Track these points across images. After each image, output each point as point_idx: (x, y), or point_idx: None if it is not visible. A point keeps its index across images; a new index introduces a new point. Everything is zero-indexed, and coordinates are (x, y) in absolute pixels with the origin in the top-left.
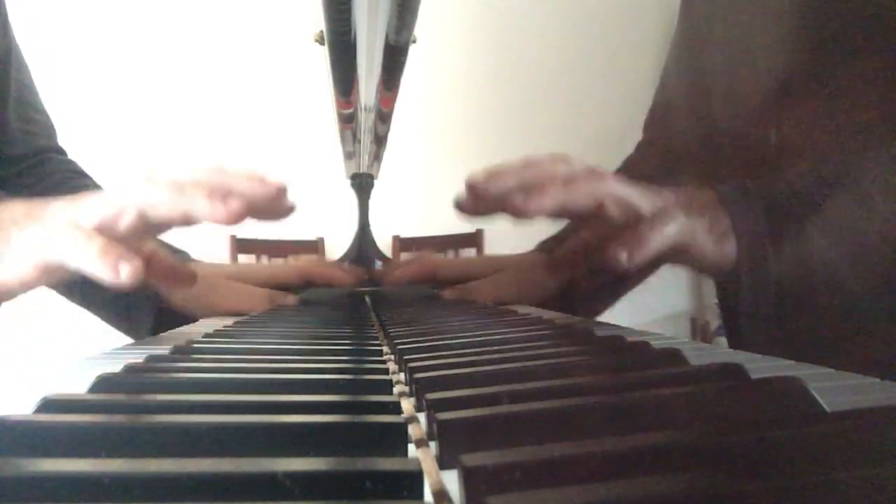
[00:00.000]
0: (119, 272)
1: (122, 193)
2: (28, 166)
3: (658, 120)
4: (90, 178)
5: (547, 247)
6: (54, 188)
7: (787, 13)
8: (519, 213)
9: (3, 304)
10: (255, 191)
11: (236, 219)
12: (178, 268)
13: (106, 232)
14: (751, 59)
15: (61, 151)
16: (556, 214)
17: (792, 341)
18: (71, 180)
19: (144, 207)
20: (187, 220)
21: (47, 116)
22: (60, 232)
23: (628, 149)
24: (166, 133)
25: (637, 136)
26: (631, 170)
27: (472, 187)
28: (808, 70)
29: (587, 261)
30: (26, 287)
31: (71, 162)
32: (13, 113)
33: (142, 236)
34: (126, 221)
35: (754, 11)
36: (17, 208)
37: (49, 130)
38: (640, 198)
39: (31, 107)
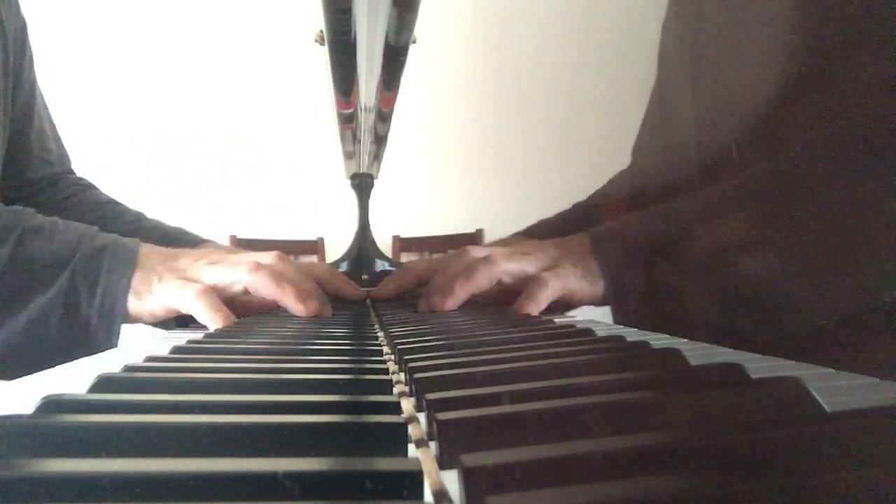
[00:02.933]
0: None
1: (237, 269)
2: (42, 188)
3: (645, 144)
4: (96, 188)
5: (532, 232)
6: (67, 198)
7: (778, 20)
8: (440, 309)
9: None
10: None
11: (312, 314)
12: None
13: (217, 290)
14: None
15: (72, 173)
16: (468, 299)
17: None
18: (79, 193)
19: (252, 286)
20: (275, 303)
21: (62, 147)
22: (192, 298)
23: (627, 149)
24: (166, 133)
25: (636, 135)
26: (613, 191)
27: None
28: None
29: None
30: (153, 319)
31: (80, 179)
32: (34, 142)
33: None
34: (235, 290)
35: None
36: (155, 258)
37: (63, 159)
38: (526, 265)
39: (49, 138)
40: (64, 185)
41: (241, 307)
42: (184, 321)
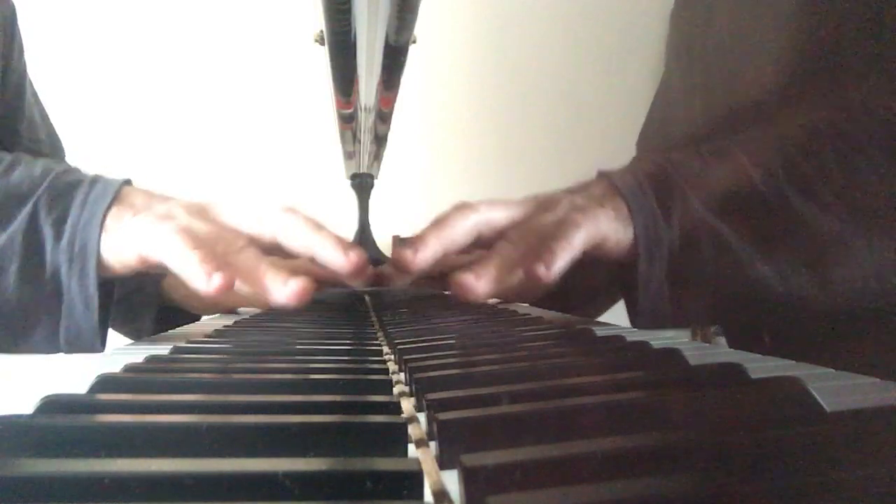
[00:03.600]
0: (211, 282)
1: (265, 211)
2: None
3: (651, 138)
4: None
5: None
6: None
7: (786, 13)
8: (408, 269)
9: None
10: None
11: (355, 272)
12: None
13: (230, 238)
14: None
15: None
16: (443, 254)
17: (679, 311)
18: None
19: (283, 232)
20: (308, 257)
21: (56, 137)
22: (168, 234)
23: (628, 149)
24: (166, 133)
25: (636, 135)
26: None
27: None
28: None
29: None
30: (127, 269)
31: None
32: (24, 133)
33: (254, 252)
34: (263, 235)
35: (747, 19)
36: (139, 195)
37: (56, 150)
38: (517, 210)
39: (40, 128)
40: None
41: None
42: (158, 327)
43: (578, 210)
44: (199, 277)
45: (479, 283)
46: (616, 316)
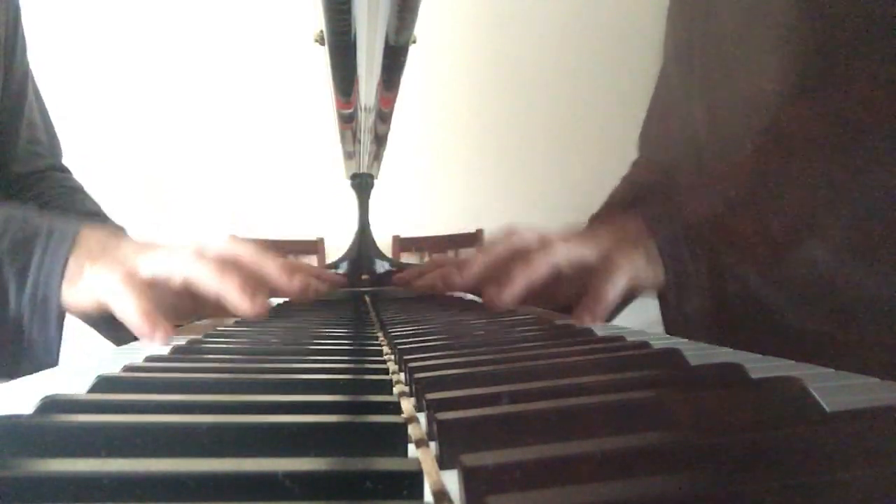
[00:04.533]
0: (154, 333)
1: (175, 260)
2: (29, 183)
3: (651, 134)
4: (84, 193)
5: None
6: (48, 203)
7: (784, 11)
8: (494, 307)
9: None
10: (282, 286)
11: (258, 313)
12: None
13: (157, 284)
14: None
15: (64, 170)
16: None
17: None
18: (63, 196)
19: (190, 279)
20: (219, 300)
21: (55, 137)
22: (119, 286)
23: (628, 148)
24: (166, 133)
25: (636, 134)
26: (629, 186)
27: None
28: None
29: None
30: (80, 311)
31: (69, 179)
32: (24, 133)
33: (183, 293)
34: (173, 283)
35: (744, 17)
36: (94, 241)
37: (54, 150)
38: (586, 250)
39: (40, 129)
40: (50, 185)
41: (184, 308)
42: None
43: (618, 252)
44: (141, 334)
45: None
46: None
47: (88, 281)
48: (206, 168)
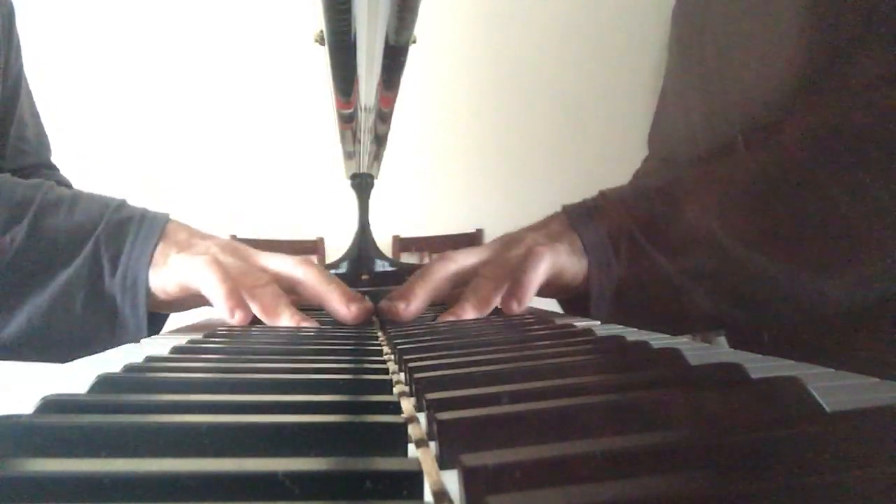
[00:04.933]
0: (233, 316)
1: (288, 263)
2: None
3: (659, 135)
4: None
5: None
6: None
7: (787, 9)
8: (401, 320)
9: None
10: (342, 317)
11: (356, 321)
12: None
13: (247, 279)
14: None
15: (51, 167)
16: (429, 303)
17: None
18: None
19: (302, 282)
20: (316, 305)
21: (43, 136)
22: (203, 267)
23: (628, 148)
24: (167, 133)
25: (636, 134)
26: (632, 183)
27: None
28: (808, 73)
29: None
30: (171, 297)
31: (56, 175)
32: (13, 132)
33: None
34: (284, 283)
35: (746, 19)
36: (182, 232)
37: (42, 149)
38: (484, 253)
39: (28, 127)
40: (36, 178)
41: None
42: (153, 327)
43: (540, 244)
44: (223, 309)
45: (467, 313)
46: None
47: (174, 267)
48: (206, 168)
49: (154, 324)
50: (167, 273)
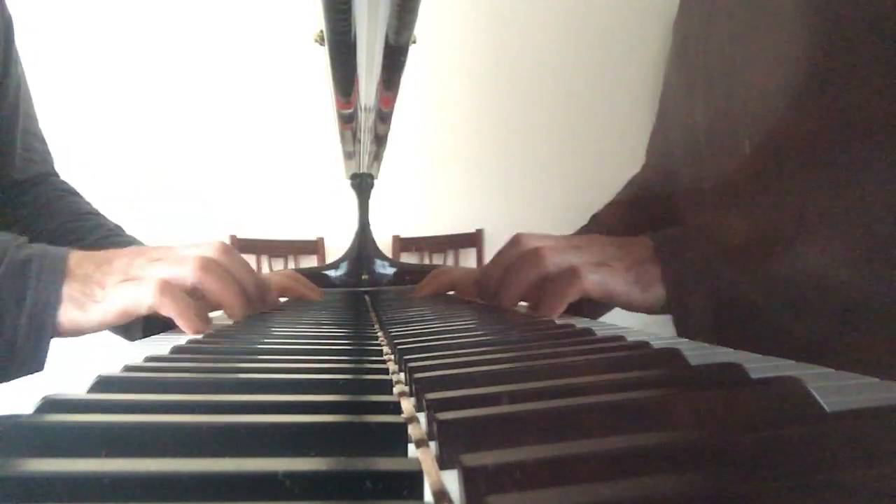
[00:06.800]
0: (194, 327)
1: (183, 266)
2: (25, 188)
3: (657, 145)
4: (78, 195)
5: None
6: (46, 206)
7: (789, 19)
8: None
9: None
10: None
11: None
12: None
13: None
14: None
15: (55, 175)
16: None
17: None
18: (59, 199)
19: (199, 285)
20: (219, 306)
21: (45, 144)
22: (143, 286)
23: (628, 148)
24: (167, 134)
25: (636, 135)
26: (631, 188)
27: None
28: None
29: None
30: (102, 328)
31: (63, 183)
32: (19, 141)
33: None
34: (185, 286)
35: (748, 27)
36: (87, 264)
37: (46, 157)
38: (573, 257)
39: (33, 136)
40: (46, 189)
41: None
42: (150, 328)
43: (589, 264)
44: (188, 326)
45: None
46: (616, 316)
47: (109, 300)
48: (206, 168)
49: (148, 330)
50: (103, 308)
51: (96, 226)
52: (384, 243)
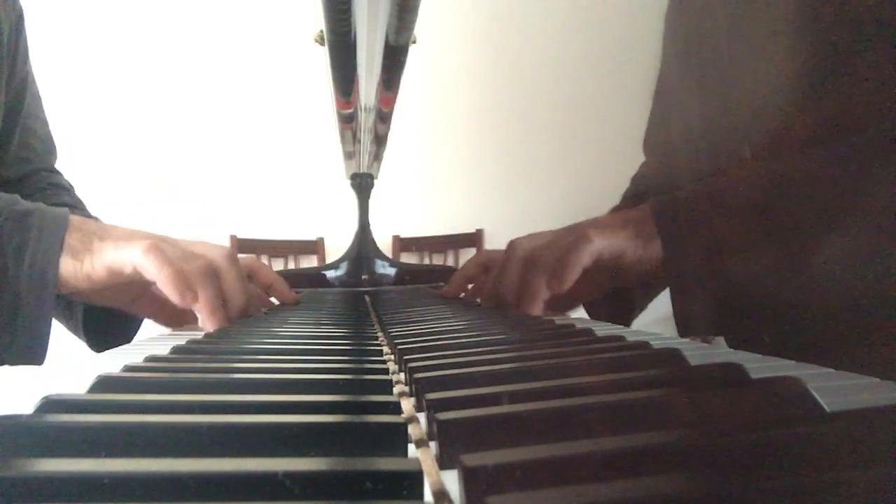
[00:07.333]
0: (185, 299)
1: (131, 246)
2: (16, 188)
3: (654, 139)
4: (70, 191)
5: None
6: (28, 198)
7: (777, 18)
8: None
9: None
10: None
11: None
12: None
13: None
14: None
15: (54, 171)
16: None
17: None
18: (42, 192)
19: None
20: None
21: (50, 143)
22: (134, 244)
23: (627, 148)
24: (167, 133)
25: (636, 135)
26: (638, 187)
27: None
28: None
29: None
30: (89, 284)
31: (57, 177)
32: (17, 140)
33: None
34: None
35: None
36: (89, 223)
37: (45, 154)
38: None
39: (33, 133)
40: (31, 183)
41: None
42: (127, 331)
43: (591, 227)
44: (173, 293)
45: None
46: None
47: (102, 253)
48: (206, 168)
49: (128, 330)
50: (95, 260)
51: None
52: (384, 243)
